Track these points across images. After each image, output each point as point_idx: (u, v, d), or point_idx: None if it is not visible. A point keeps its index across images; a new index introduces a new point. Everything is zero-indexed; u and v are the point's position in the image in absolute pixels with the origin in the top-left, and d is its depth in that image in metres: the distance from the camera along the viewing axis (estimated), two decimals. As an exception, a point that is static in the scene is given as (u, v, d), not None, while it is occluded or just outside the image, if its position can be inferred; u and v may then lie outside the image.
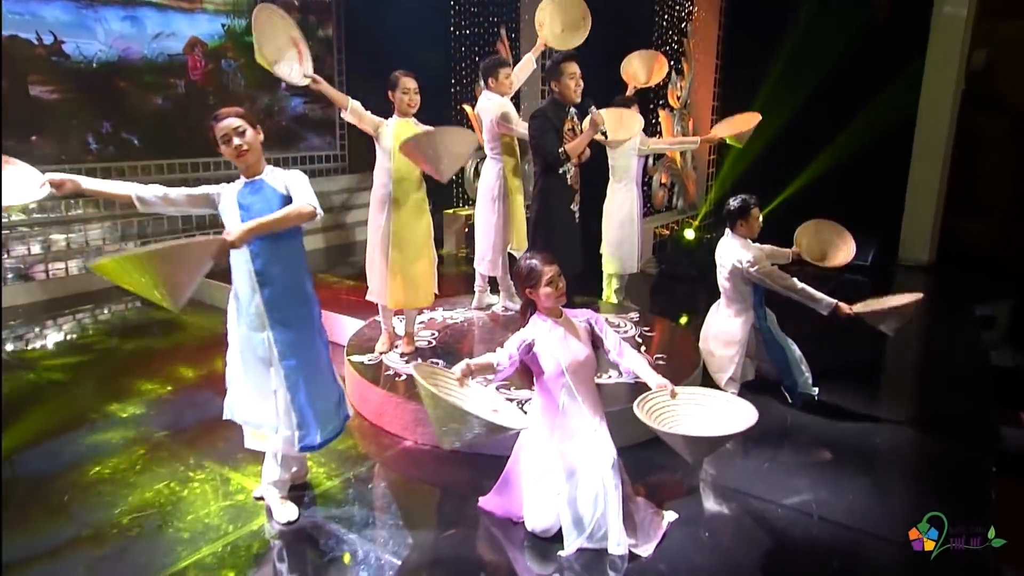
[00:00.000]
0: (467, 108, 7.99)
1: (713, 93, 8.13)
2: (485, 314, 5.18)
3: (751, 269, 4.18)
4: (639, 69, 5.88)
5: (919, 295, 4.21)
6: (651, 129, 7.66)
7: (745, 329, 4.38)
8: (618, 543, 2.81)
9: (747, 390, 4.47)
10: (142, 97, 8.11)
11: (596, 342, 3.08)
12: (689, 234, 7.38)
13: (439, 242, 8.30)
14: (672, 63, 7.59)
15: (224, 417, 3.01)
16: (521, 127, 4.90)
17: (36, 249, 6.85)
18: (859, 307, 4.19)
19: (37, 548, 2.89)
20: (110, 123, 7.88)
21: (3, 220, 6.55)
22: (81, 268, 7.04)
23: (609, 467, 2.87)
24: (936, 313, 6.61)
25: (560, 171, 4.13)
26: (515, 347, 2.84)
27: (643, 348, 4.59)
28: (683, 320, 6.06)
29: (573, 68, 4.05)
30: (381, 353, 4.35)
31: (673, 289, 7.20)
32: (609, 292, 5.88)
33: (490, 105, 4.92)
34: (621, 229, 5.67)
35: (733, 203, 4.30)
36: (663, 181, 7.82)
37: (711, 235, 8.15)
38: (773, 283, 4.18)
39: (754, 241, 4.34)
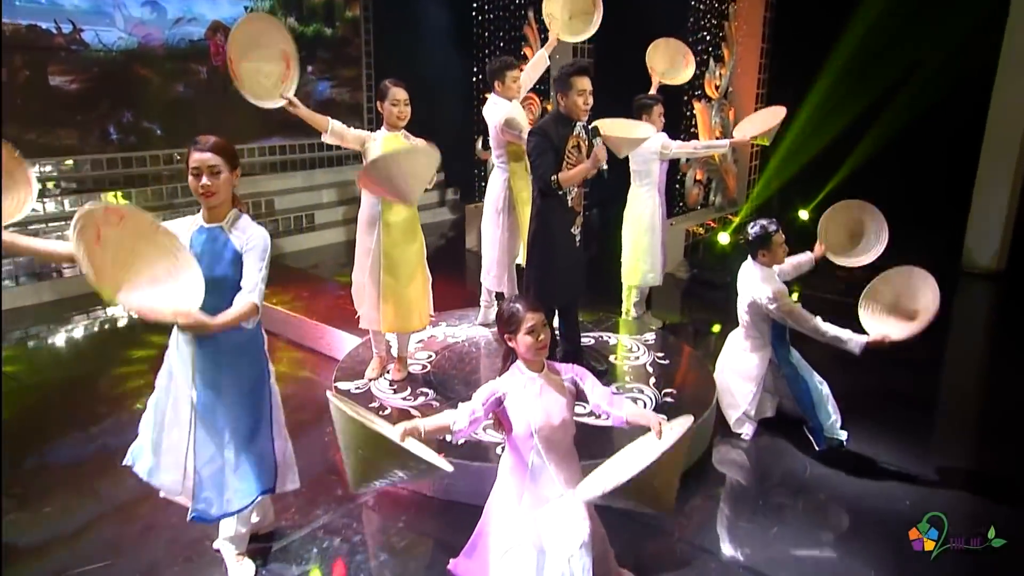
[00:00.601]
0: (489, 96, 7.63)
1: (758, 80, 7.53)
2: (490, 331, 4.90)
3: (771, 306, 3.80)
4: (661, 60, 5.42)
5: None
6: (686, 123, 7.17)
7: (763, 365, 4.05)
8: None
9: (765, 429, 4.18)
10: (163, 84, 8.04)
11: (582, 399, 2.76)
12: (724, 237, 6.89)
13: (462, 238, 8.12)
14: (710, 49, 7.05)
15: (124, 463, 2.79)
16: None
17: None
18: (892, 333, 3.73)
19: None
20: (131, 112, 7.80)
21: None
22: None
23: (578, 547, 2.56)
24: (1001, 332, 6.02)
25: (560, 192, 3.78)
26: (481, 402, 2.55)
27: (652, 380, 4.24)
28: (715, 329, 5.65)
29: (584, 83, 3.67)
30: (370, 380, 4.13)
31: (704, 296, 6.77)
32: (628, 305, 5.51)
33: (496, 111, 4.60)
34: (642, 239, 5.30)
35: (752, 230, 3.95)
36: (698, 178, 7.32)
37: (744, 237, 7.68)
38: (795, 324, 3.80)
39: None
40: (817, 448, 3.97)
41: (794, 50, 7.39)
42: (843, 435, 4.03)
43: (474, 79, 7.81)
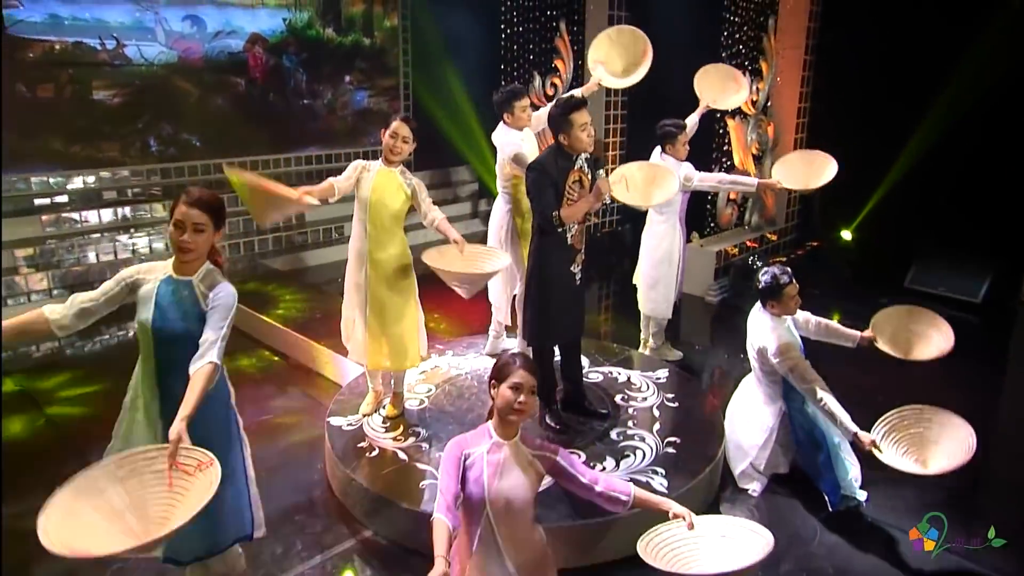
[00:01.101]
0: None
1: (800, 93, 7.13)
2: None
3: (775, 359, 3.55)
4: (711, 87, 5.16)
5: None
6: (718, 140, 6.84)
7: (775, 416, 3.81)
8: None
9: (776, 485, 3.89)
10: (202, 97, 8.16)
11: (566, 481, 2.54)
12: (757, 261, 6.56)
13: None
14: (746, 64, 6.70)
15: None
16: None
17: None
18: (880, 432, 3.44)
19: None
20: (170, 124, 7.94)
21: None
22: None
23: None
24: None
25: (560, 229, 3.62)
26: (445, 469, 2.34)
27: (656, 426, 4.03)
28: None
29: (584, 117, 3.51)
30: (364, 415, 4.05)
31: (733, 322, 6.43)
32: (647, 334, 5.33)
33: (505, 141, 4.43)
34: (657, 269, 5.09)
35: (763, 277, 3.71)
36: (731, 197, 7.00)
37: (787, 257, 7.28)
38: (795, 381, 3.55)
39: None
40: (831, 508, 3.70)
41: (838, 61, 6.96)
42: (862, 495, 3.76)
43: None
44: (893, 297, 6.58)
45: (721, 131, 6.70)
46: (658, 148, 4.96)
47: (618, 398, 4.35)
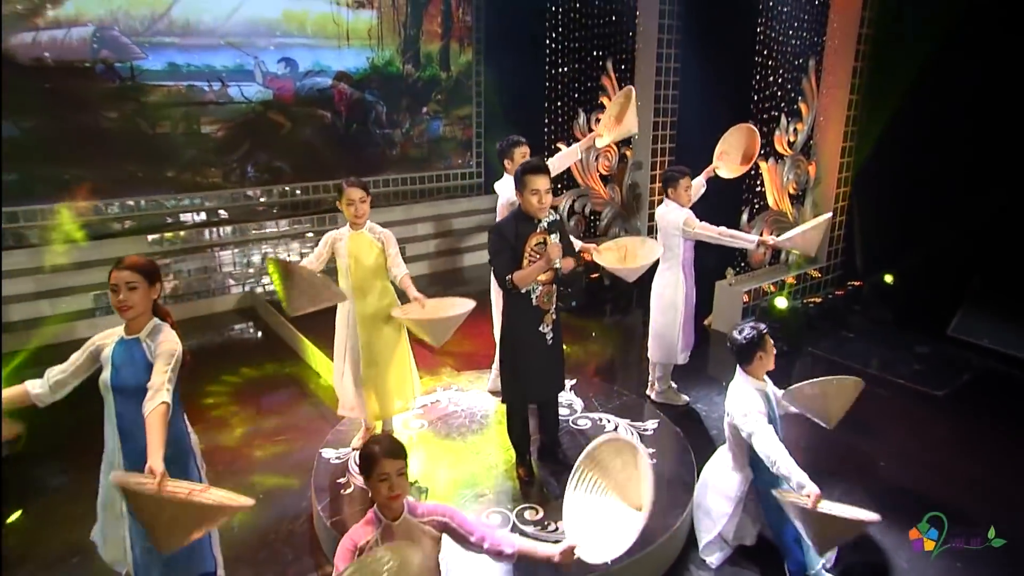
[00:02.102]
0: (562, 147, 7.20)
1: (844, 133, 6.38)
2: (496, 400, 4.58)
3: (737, 422, 3.22)
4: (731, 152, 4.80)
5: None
6: (750, 182, 6.25)
7: (744, 485, 3.42)
8: None
9: (740, 557, 3.49)
10: (293, 128, 8.41)
11: (457, 540, 2.43)
12: (780, 302, 5.96)
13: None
14: (782, 105, 6.07)
15: (91, 537, 2.82)
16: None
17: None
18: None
19: None
20: (265, 153, 8.24)
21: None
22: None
23: None
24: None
25: (523, 291, 3.40)
26: (344, 564, 2.27)
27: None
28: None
29: (537, 183, 3.26)
30: (354, 449, 4.00)
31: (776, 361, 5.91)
32: (652, 377, 4.99)
33: (503, 188, 4.29)
34: (663, 316, 4.76)
35: (738, 336, 3.30)
36: (765, 233, 6.38)
37: (824, 296, 6.58)
38: (756, 447, 3.10)
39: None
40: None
41: (886, 101, 6.17)
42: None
43: (545, 128, 7.44)
44: (932, 346, 5.86)
45: (753, 172, 6.12)
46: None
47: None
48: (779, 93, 5.98)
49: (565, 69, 6.72)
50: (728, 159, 4.78)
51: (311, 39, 8.31)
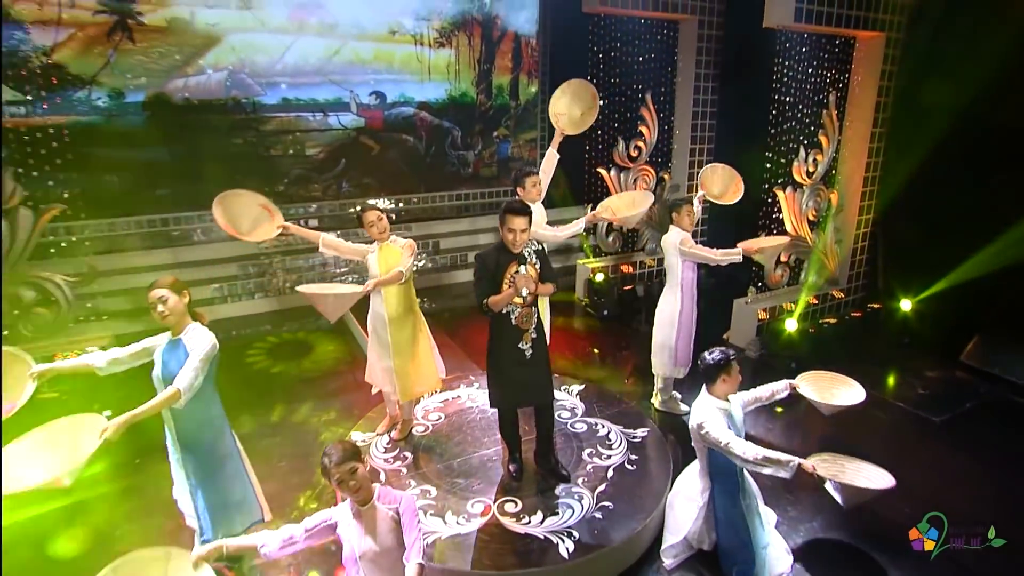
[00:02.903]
0: (602, 171, 7.26)
1: (866, 164, 5.99)
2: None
3: (700, 434, 3.22)
4: (717, 183, 4.89)
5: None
6: (767, 209, 6.02)
7: (706, 493, 3.43)
8: None
9: (697, 562, 3.48)
10: (381, 151, 8.90)
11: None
12: (790, 324, 5.72)
13: (569, 287, 7.84)
14: (800, 138, 5.79)
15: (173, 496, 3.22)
16: (541, 232, 4.32)
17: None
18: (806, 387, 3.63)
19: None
20: (356, 171, 8.78)
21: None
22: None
23: None
24: None
25: (503, 312, 3.52)
26: (305, 528, 2.55)
27: (600, 487, 3.79)
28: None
29: (515, 223, 3.39)
30: (378, 434, 4.32)
31: (764, 376, 5.71)
32: (655, 387, 5.01)
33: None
34: (661, 332, 4.79)
35: (708, 357, 3.32)
36: (782, 259, 6.13)
37: (840, 318, 6.24)
38: (724, 451, 3.12)
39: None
40: (730, 591, 3.26)
41: (910, 133, 5.75)
42: None
43: (586, 153, 7.47)
44: (943, 371, 5.43)
45: (769, 200, 5.89)
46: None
47: (586, 453, 4.15)
48: (798, 127, 5.72)
49: (605, 101, 6.73)
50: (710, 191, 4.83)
51: (398, 75, 8.76)
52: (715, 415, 3.25)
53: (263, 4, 7.61)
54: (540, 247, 3.62)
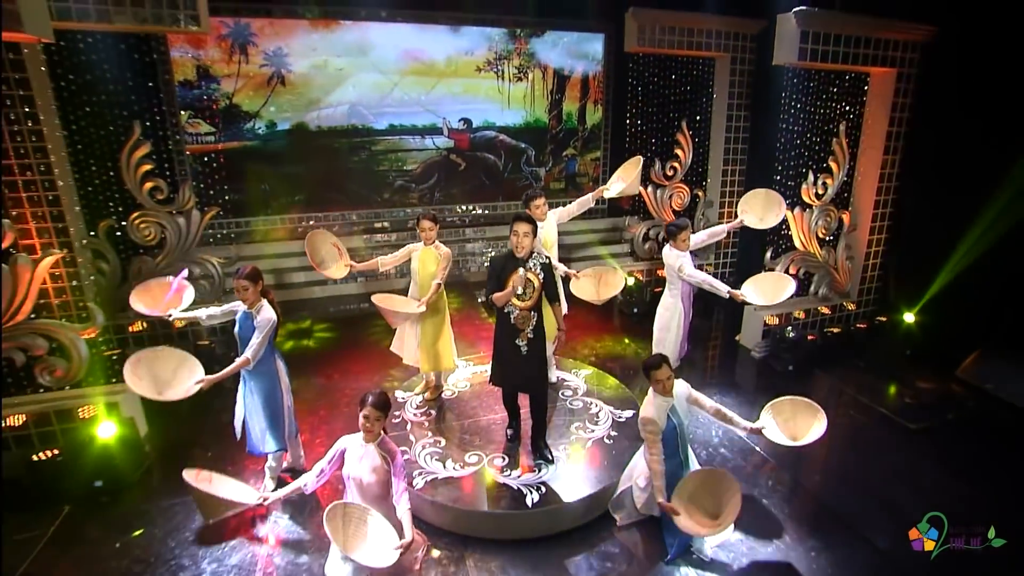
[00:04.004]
0: (640, 189, 7.24)
1: (878, 188, 5.51)
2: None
3: (640, 425, 3.36)
4: (759, 207, 4.70)
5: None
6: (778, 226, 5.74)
7: (641, 468, 3.60)
8: None
9: (645, 525, 3.60)
10: (467, 167, 9.44)
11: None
12: (791, 331, 5.46)
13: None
14: (811, 164, 5.47)
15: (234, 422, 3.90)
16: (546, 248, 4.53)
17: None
18: None
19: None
20: (447, 183, 9.39)
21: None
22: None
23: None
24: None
25: (505, 310, 3.66)
26: (328, 459, 2.96)
27: (574, 452, 3.98)
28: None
29: (518, 227, 3.50)
30: (415, 394, 4.75)
31: (765, 377, 5.55)
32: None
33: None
34: (660, 332, 4.85)
35: (651, 358, 3.43)
36: (791, 272, 5.83)
37: (843, 328, 5.83)
38: (643, 448, 3.25)
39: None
40: (668, 556, 3.35)
41: (924, 157, 5.25)
42: (706, 554, 3.33)
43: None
44: (937, 384, 4.96)
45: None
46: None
47: (574, 426, 4.32)
48: (806, 153, 5.41)
49: (644, 127, 6.70)
50: (751, 217, 4.64)
51: (483, 104, 9.24)
52: (657, 413, 3.32)
53: (377, 52, 8.38)
54: (547, 261, 3.68)
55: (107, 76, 5.39)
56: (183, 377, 3.38)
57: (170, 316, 3.72)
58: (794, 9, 4.70)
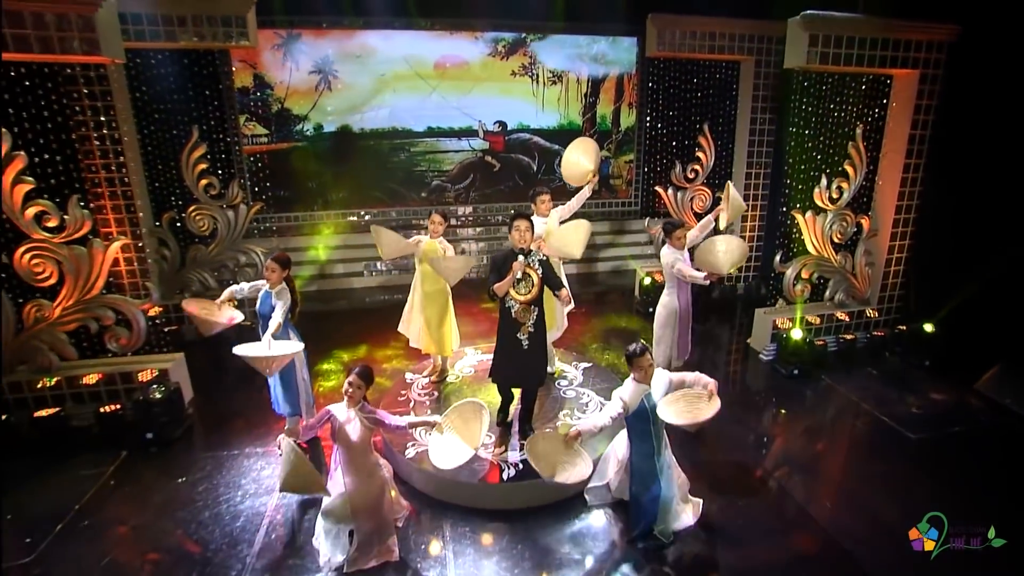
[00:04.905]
0: (659, 189, 7.46)
1: (900, 193, 5.43)
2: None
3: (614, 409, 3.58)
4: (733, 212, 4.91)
5: None
6: (787, 230, 5.78)
7: (627, 453, 3.77)
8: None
9: (614, 509, 3.87)
10: (502, 168, 9.90)
11: (383, 429, 3.46)
12: (796, 333, 5.49)
13: (628, 289, 8.01)
14: (825, 169, 5.48)
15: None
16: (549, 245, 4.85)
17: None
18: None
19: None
20: (483, 183, 9.87)
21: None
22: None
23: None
24: None
25: (506, 305, 3.96)
26: (318, 419, 3.41)
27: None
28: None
29: (517, 223, 3.87)
30: (422, 375, 5.22)
31: (773, 379, 5.60)
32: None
33: (535, 223, 4.93)
34: (658, 331, 5.05)
35: (628, 348, 3.60)
36: (803, 276, 5.83)
37: (858, 335, 5.78)
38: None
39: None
40: (632, 534, 3.60)
41: (948, 164, 5.16)
42: (668, 539, 3.54)
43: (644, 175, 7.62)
44: (952, 396, 4.87)
45: (788, 221, 5.67)
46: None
47: (562, 413, 4.63)
48: (819, 156, 5.43)
49: (665, 130, 6.87)
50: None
51: (517, 107, 9.64)
52: (631, 393, 3.56)
53: (416, 58, 9.00)
54: (545, 258, 3.99)
55: (174, 87, 6.26)
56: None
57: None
58: (801, 13, 4.80)
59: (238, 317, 4.35)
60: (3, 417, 4.54)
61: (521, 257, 3.86)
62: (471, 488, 3.88)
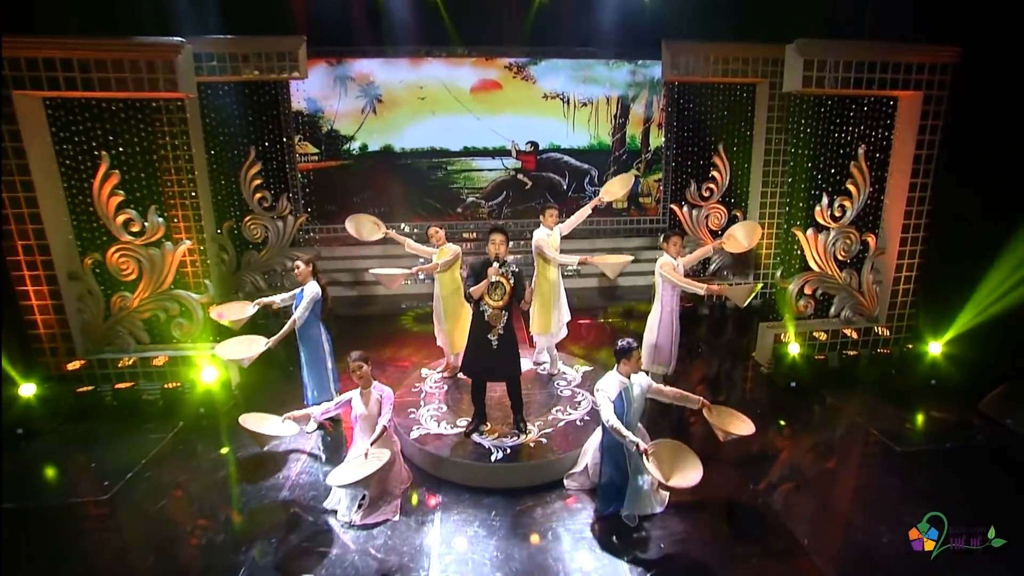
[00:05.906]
0: (674, 207, 7.84)
1: (906, 212, 5.59)
2: (537, 368, 5.86)
3: (595, 391, 3.99)
4: (739, 239, 5.30)
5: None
6: (787, 246, 6.04)
7: (602, 439, 4.16)
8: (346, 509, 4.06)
9: (589, 495, 4.28)
10: (532, 186, 10.54)
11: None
12: (793, 348, 5.71)
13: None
14: (826, 187, 5.75)
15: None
16: (549, 253, 5.36)
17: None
18: None
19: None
20: (515, 200, 10.52)
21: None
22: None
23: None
24: None
25: (480, 309, 4.41)
26: (336, 403, 4.22)
27: (546, 430, 4.75)
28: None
29: (494, 237, 4.39)
30: (438, 372, 5.84)
31: (772, 387, 5.83)
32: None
33: (537, 236, 5.52)
34: (647, 335, 5.40)
35: (618, 344, 3.97)
36: (806, 292, 6.05)
37: (860, 352, 5.92)
38: (600, 413, 3.91)
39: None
40: (596, 512, 4.00)
41: (956, 182, 5.34)
42: (633, 522, 3.92)
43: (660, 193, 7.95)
44: (953, 414, 4.97)
45: (789, 238, 5.94)
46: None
47: (555, 409, 5.10)
48: (818, 176, 5.72)
49: (679, 149, 7.27)
50: (733, 243, 5.17)
51: (549, 128, 10.29)
52: (612, 385, 4.00)
53: (455, 82, 9.86)
54: (517, 271, 4.42)
55: (237, 113, 7.32)
56: (255, 347, 4.84)
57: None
58: (796, 40, 5.18)
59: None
60: (92, 388, 5.60)
61: (495, 264, 4.33)
62: (462, 467, 4.43)
